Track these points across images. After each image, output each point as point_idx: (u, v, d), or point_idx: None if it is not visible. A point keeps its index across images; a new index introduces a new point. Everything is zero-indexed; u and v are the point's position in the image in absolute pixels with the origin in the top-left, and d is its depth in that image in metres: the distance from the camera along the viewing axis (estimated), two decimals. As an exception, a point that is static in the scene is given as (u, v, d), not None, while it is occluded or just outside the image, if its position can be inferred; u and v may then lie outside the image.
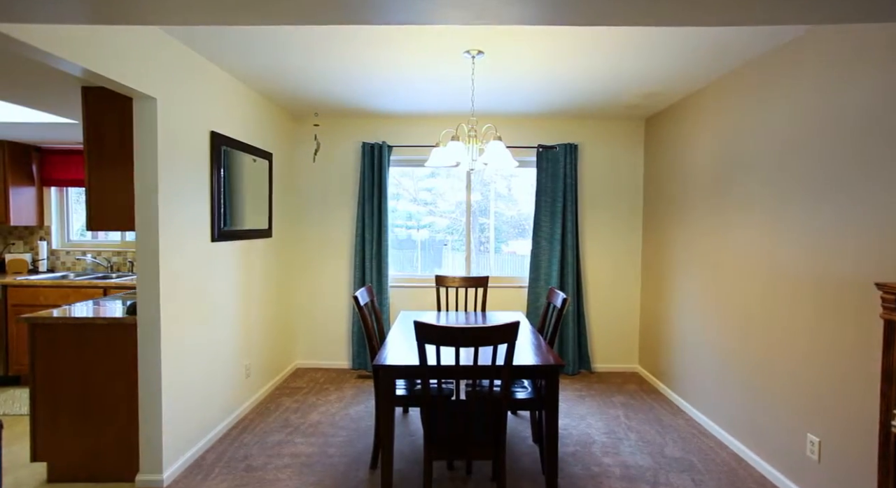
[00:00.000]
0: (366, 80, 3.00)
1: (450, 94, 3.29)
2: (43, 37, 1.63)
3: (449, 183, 4.34)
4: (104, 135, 2.29)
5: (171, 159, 2.33)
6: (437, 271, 4.36)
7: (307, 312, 4.17)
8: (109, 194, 2.29)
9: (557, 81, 2.99)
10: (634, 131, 4.08)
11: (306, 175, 4.12)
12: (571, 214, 3.94)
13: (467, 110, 3.76)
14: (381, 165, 3.95)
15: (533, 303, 4.01)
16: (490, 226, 4.37)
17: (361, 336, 4.05)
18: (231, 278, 2.96)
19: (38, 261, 4.25)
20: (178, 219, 2.40)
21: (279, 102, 3.57)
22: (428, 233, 4.40)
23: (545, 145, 3.97)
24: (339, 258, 4.14)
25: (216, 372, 2.78)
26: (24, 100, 2.83)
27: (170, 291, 2.33)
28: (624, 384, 3.78)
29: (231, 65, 2.71)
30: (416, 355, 2.14)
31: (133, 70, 2.04)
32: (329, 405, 3.30)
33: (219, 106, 2.77)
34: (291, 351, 4.08)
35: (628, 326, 4.13)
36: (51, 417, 2.35)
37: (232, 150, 2.91)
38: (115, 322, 2.29)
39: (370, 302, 2.76)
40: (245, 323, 3.17)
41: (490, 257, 4.39)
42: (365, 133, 4.09)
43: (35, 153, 4.21)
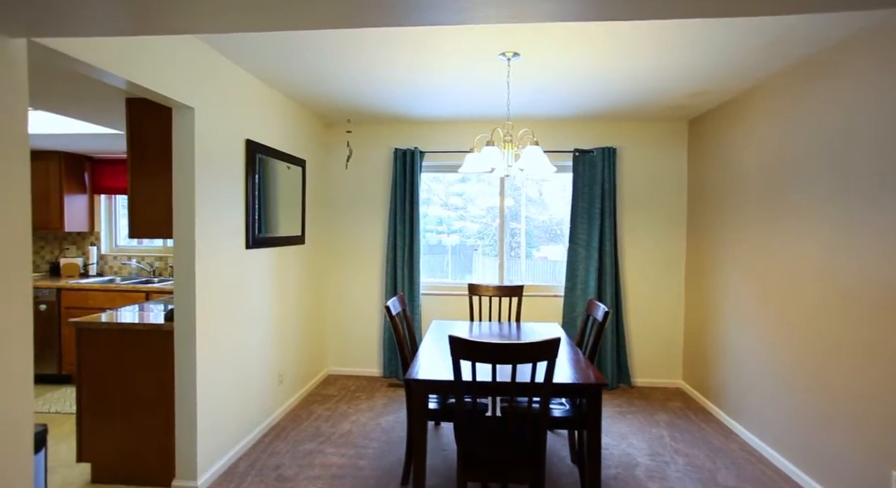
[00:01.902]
0: (398, 86, 2.97)
1: (483, 97, 3.21)
2: (89, 51, 1.67)
3: (480, 187, 4.27)
4: (146, 145, 2.34)
5: (208, 167, 2.36)
6: (467, 277, 4.28)
7: (338, 319, 4.17)
8: (150, 202, 2.35)
9: (595, 83, 2.86)
10: (677, 134, 3.88)
11: (339, 181, 4.14)
12: (610, 220, 3.77)
13: (502, 114, 3.68)
14: (413, 171, 3.91)
15: (569, 313, 3.86)
16: (521, 231, 4.25)
17: (393, 343, 4.01)
18: (265, 285, 2.98)
19: (88, 266, 4.45)
20: (214, 226, 2.42)
21: (312, 109, 3.60)
22: (458, 238, 4.33)
23: (582, 149, 3.83)
24: (371, 265, 4.13)
25: (250, 378, 2.80)
26: (76, 113, 2.96)
27: (205, 299, 2.35)
28: (667, 401, 3.56)
29: (266, 73, 2.74)
30: (449, 368, 2.06)
31: (172, 80, 2.07)
32: (360, 414, 3.27)
33: (254, 114, 2.80)
34: (323, 357, 4.09)
35: (671, 339, 3.90)
36: (94, 419, 2.41)
37: (266, 158, 2.94)
38: (154, 328, 2.33)
39: (402, 311, 2.71)
40: (278, 330, 3.19)
41: (521, 262, 4.27)
42: (397, 139, 4.07)
43: (87, 163, 4.43)
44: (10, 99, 1.38)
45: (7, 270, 1.38)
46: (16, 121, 1.40)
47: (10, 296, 1.39)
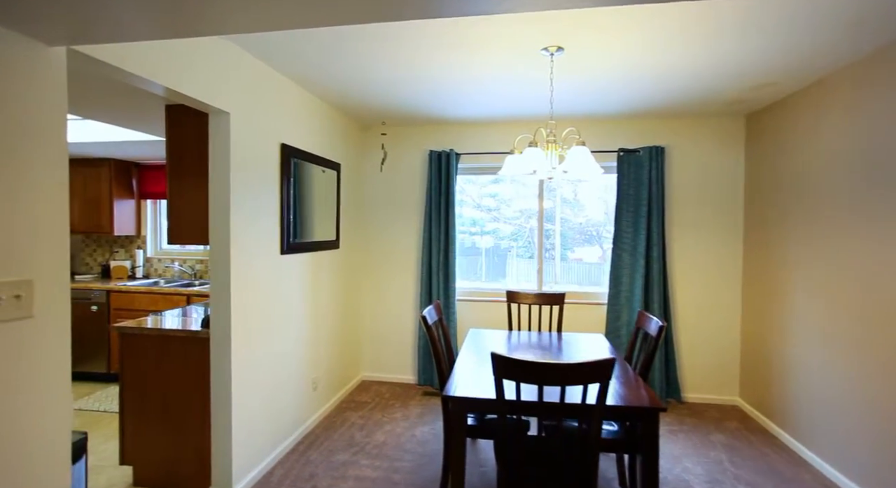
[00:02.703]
0: (434, 86, 2.88)
1: (523, 96, 3.06)
2: (128, 59, 1.66)
3: (514, 189, 4.13)
4: (183, 151, 2.35)
5: (243, 172, 2.33)
6: (501, 281, 4.15)
7: (373, 324, 4.12)
8: (187, 208, 2.35)
9: (643, 77, 2.66)
10: (732, 130, 3.59)
11: (373, 185, 4.09)
12: (657, 225, 3.53)
13: (542, 113, 3.51)
14: (449, 174, 3.81)
15: (612, 322, 3.64)
16: (556, 233, 4.08)
17: (428, 350, 3.91)
18: (299, 291, 2.96)
19: (135, 268, 4.61)
20: (249, 232, 2.40)
21: (347, 112, 3.56)
22: (492, 240, 4.21)
23: (627, 149, 3.61)
24: (405, 269, 4.05)
25: (285, 385, 2.77)
26: (122, 121, 3.03)
27: (240, 306, 2.33)
28: (723, 420, 3.28)
29: (301, 76, 2.70)
30: (489, 384, 1.94)
31: (208, 85, 2.05)
32: (394, 424, 3.19)
33: (289, 117, 2.78)
34: (357, 363, 4.05)
35: (725, 352, 3.61)
36: (136, 423, 2.44)
37: (301, 162, 2.92)
38: (190, 335, 2.33)
39: (438, 320, 2.60)
40: (313, 335, 3.16)
41: (556, 264, 4.10)
42: (432, 141, 3.98)
43: (134, 169, 4.59)
44: (50, 107, 1.38)
45: (46, 277, 1.36)
46: (55, 128, 1.39)
47: (50, 309, 1.38)
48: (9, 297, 1.28)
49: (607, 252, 4.05)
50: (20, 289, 1.30)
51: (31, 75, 1.32)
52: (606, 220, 4.02)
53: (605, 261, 4.07)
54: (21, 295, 1.31)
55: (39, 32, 1.30)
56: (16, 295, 1.30)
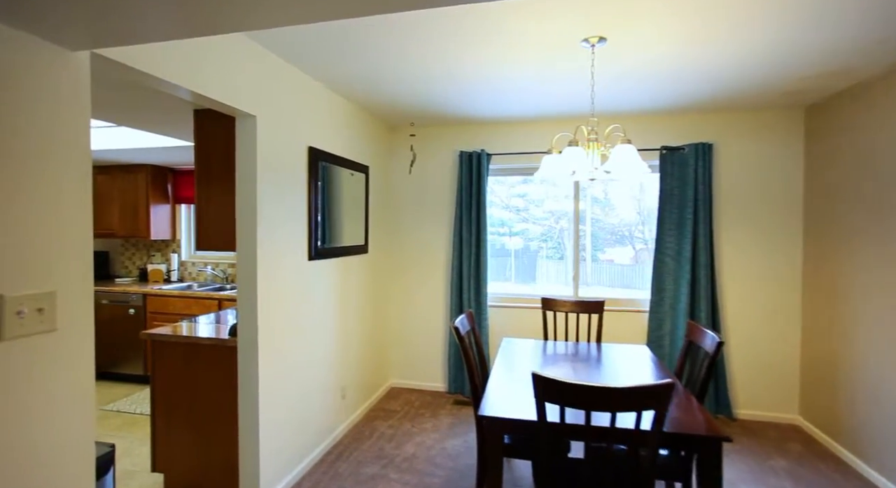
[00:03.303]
0: (465, 84, 2.75)
1: (560, 93, 2.90)
2: (153, 63, 1.62)
3: (544, 189, 3.98)
4: (211, 156, 2.31)
5: (270, 177, 2.28)
6: (531, 284, 4.00)
7: (402, 330, 4.03)
8: (215, 214, 2.31)
9: (692, 69, 2.45)
10: (789, 124, 3.30)
11: (402, 187, 4.01)
12: (705, 227, 3.28)
13: (578, 110, 3.33)
14: (480, 175, 3.68)
15: (654, 331, 3.41)
16: (587, 234, 3.89)
17: (458, 357, 3.79)
18: (327, 297, 2.89)
19: (171, 272, 4.70)
20: (276, 238, 2.34)
21: (375, 113, 3.49)
22: (520, 241, 4.08)
23: (670, 146, 3.38)
24: (435, 273, 3.94)
25: (313, 394, 2.71)
26: (154, 127, 3.05)
27: (267, 314, 2.27)
28: (783, 441, 3.00)
29: (328, 77, 2.63)
30: (527, 400, 1.80)
31: (233, 88, 2.00)
32: (425, 435, 3.08)
33: (316, 120, 2.71)
34: (386, 370, 3.97)
35: (783, 366, 3.31)
36: (167, 430, 2.43)
37: (329, 165, 2.85)
38: (218, 343, 2.29)
39: (471, 330, 2.47)
40: (341, 342, 3.09)
41: (587, 266, 3.92)
42: (462, 141, 3.86)
43: (170, 174, 4.68)
44: (73, 113, 1.33)
45: (69, 288, 1.32)
46: (79, 134, 1.35)
47: (74, 321, 1.34)
48: (31, 311, 1.24)
49: (640, 253, 3.87)
50: (43, 302, 1.26)
51: (55, 81, 1.28)
52: (639, 220, 3.83)
53: (637, 263, 3.90)
54: (44, 308, 1.26)
55: (62, 37, 1.25)
56: (38, 308, 1.25)
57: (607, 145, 2.07)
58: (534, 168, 3.78)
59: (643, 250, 3.88)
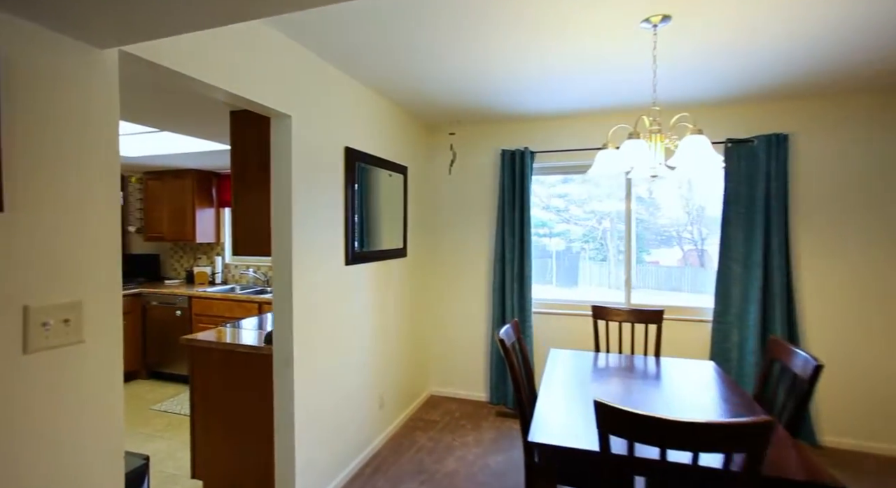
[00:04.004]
0: (508, 78, 2.57)
1: (613, 82, 2.66)
2: (184, 62, 1.56)
3: (586, 189, 3.77)
4: (247, 159, 2.26)
5: (306, 179, 2.19)
6: (574, 287, 3.79)
7: (441, 336, 3.89)
8: (251, 219, 2.25)
9: (768, 48, 2.15)
10: (880, 111, 2.88)
11: (441, 189, 3.87)
12: (779, 229, 2.93)
13: (632, 102, 3.07)
14: (524, 174, 3.48)
15: (719, 344, 3.09)
16: (632, 235, 3.62)
17: (501, 365, 3.60)
18: (365, 303, 2.79)
19: (215, 274, 4.79)
20: (312, 242, 2.25)
21: (413, 112, 3.36)
22: (561, 243, 3.90)
23: (736, 139, 3.05)
24: (476, 278, 3.77)
25: (350, 403, 2.61)
26: (194, 131, 3.06)
27: (303, 321, 2.19)
28: (885, 475, 2.60)
29: (364, 74, 2.53)
30: (582, 423, 1.60)
31: (267, 87, 1.92)
32: (466, 449, 2.91)
33: (353, 120, 2.62)
34: (426, 377, 3.84)
35: (879, 390, 2.88)
36: (205, 437, 2.40)
37: (367, 166, 2.75)
38: (254, 351, 2.23)
39: (517, 341, 2.29)
40: (379, 350, 2.98)
41: (631, 268, 3.64)
42: (505, 139, 3.67)
43: (214, 178, 4.77)
44: (102, 114, 1.27)
45: (97, 297, 1.26)
46: (107, 136, 1.28)
47: (101, 332, 1.27)
48: (57, 322, 1.18)
49: (689, 254, 3.55)
50: (69, 312, 1.20)
51: (83, 81, 1.22)
52: (688, 220, 3.59)
53: (686, 265, 3.63)
54: (70, 318, 1.20)
55: (89, 34, 1.19)
56: (64, 319, 1.19)
57: (672, 137, 1.83)
58: (579, 166, 3.54)
59: (692, 251, 3.61)
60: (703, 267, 3.58)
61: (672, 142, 1.85)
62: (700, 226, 3.55)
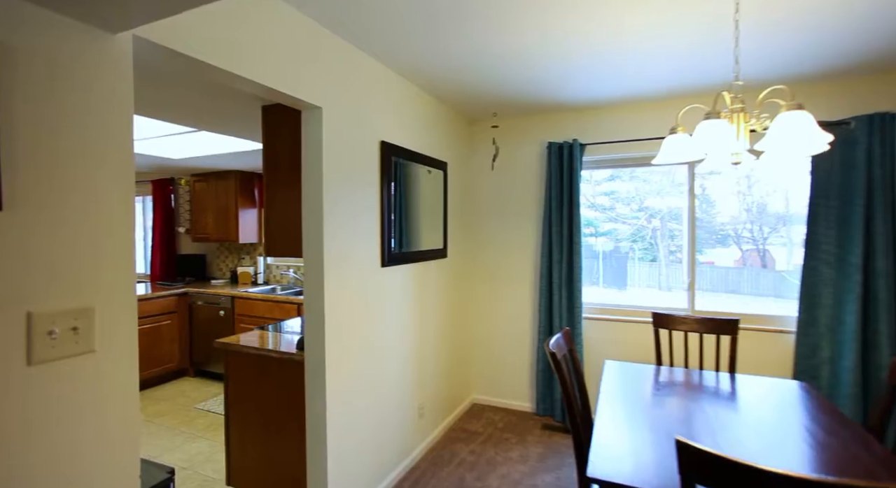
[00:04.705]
0: (555, 64, 2.32)
1: (679, 60, 2.35)
2: (204, 49, 1.45)
3: (633, 186, 3.51)
4: (280, 156, 2.16)
5: (338, 174, 2.05)
6: (623, 289, 3.49)
7: (484, 341, 3.68)
8: (283, 218, 2.15)
9: (869, 8, 1.78)
10: None
11: (483, 185, 3.66)
12: (885, 226, 2.49)
13: (702, 83, 2.72)
14: (573, 168, 3.20)
15: (805, 359, 2.68)
16: (684, 234, 3.29)
17: (547, 374, 3.35)
18: (403, 306, 2.63)
19: (257, 274, 4.82)
20: (346, 243, 2.12)
21: (453, 104, 3.17)
22: (608, 242, 3.62)
23: (829, 121, 2.63)
24: (521, 280, 3.53)
25: (387, 412, 2.46)
26: (233, 130, 3.02)
27: (336, 326, 2.05)
28: None
29: (400, 63, 2.36)
30: (650, 454, 1.34)
31: (296, 77, 1.79)
32: (510, 465, 2.69)
33: (388, 111, 2.46)
34: (468, 384, 3.64)
35: None
36: (239, 444, 2.32)
37: (404, 161, 2.59)
38: (286, 357, 2.12)
39: (569, 352, 2.04)
40: (419, 356, 2.81)
41: (683, 269, 3.34)
42: (551, 131, 3.41)
43: (256, 179, 4.80)
44: (115, 105, 1.16)
45: (110, 302, 1.16)
46: (121, 129, 1.17)
47: (115, 340, 1.17)
48: (64, 330, 1.08)
49: (748, 254, 3.25)
50: (78, 319, 1.10)
51: (92, 69, 1.12)
52: (747, 218, 3.27)
53: (745, 265, 3.32)
54: (79, 326, 1.11)
55: (98, 15, 1.08)
56: (73, 327, 1.10)
57: (762, 116, 1.53)
58: (634, 158, 3.23)
59: (752, 251, 3.29)
60: (766, 268, 3.24)
61: (760, 123, 1.54)
62: (761, 224, 3.24)
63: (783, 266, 3.24)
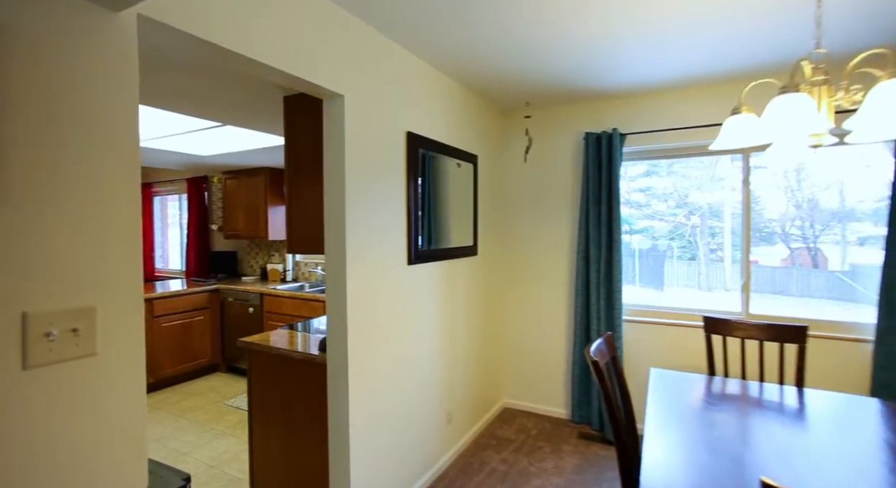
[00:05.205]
0: (593, 48, 2.12)
1: (744, 32, 2.10)
2: (217, 30, 1.35)
3: (672, 181, 3.28)
4: (302, 150, 2.06)
5: (361, 167, 1.94)
6: (661, 290, 3.27)
7: (516, 342, 3.50)
8: (305, 214, 2.05)
9: None
10: None
11: (516, 179, 3.48)
12: (980, 218, 2.16)
13: (768, 60, 2.44)
14: (612, 160, 2.98)
15: (887, 372, 2.37)
16: (726, 231, 3.10)
17: (584, 379, 3.14)
18: (430, 306, 2.50)
19: (286, 272, 4.82)
20: (369, 239, 2.00)
21: (483, 93, 3.01)
22: (645, 240, 3.41)
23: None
24: (556, 279, 3.34)
25: (414, 418, 2.34)
26: (258, 123, 2.97)
27: (360, 327, 1.94)
28: None
29: (427, 50, 2.22)
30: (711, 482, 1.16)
31: (317, 63, 1.68)
32: (545, 477, 2.52)
33: (415, 101, 2.33)
34: (499, 386, 3.48)
35: None
36: (263, 446, 2.26)
37: (431, 154, 2.45)
38: (308, 358, 2.03)
39: (611, 360, 1.86)
40: (447, 358, 2.68)
41: (724, 268, 3.14)
42: (588, 121, 3.19)
43: (286, 176, 4.79)
44: (119, 90, 1.07)
45: (113, 302, 1.08)
46: (125, 116, 1.08)
47: (118, 342, 1.09)
48: (63, 332, 1.00)
49: (798, 253, 3.02)
50: (78, 320, 1.02)
51: (92, 51, 1.03)
52: (796, 214, 3.01)
53: (794, 265, 3.07)
54: (79, 327, 1.03)
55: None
56: (72, 328, 1.02)
57: (852, 88, 1.30)
58: (678, 148, 2.97)
59: (801, 250, 3.05)
60: (817, 268, 3.01)
61: (849, 97, 1.31)
62: (812, 221, 3.01)
63: (836, 266, 2.95)
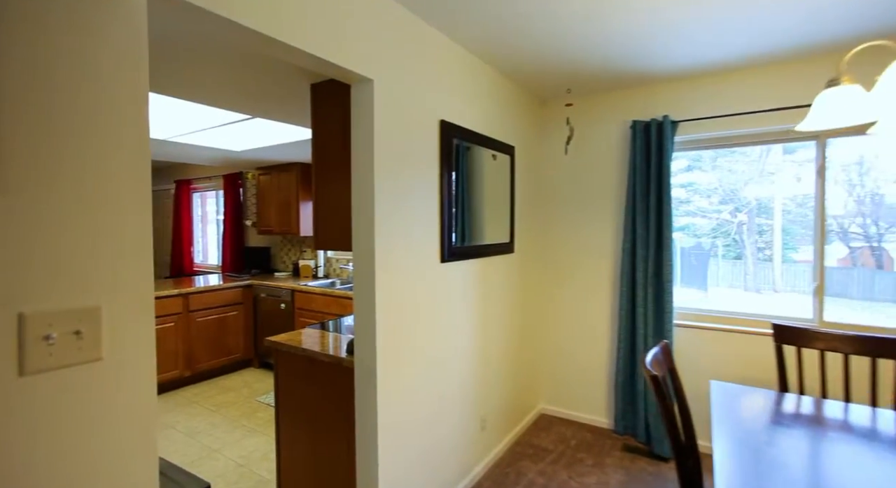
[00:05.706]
0: (640, 30, 1.89)
1: (804, 9, 1.83)
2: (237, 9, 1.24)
3: (716, 176, 3.02)
4: (329, 140, 1.95)
5: (392, 157, 1.80)
6: (704, 291, 3.03)
7: (555, 345, 3.30)
8: (331, 208, 1.94)
9: None
10: None
11: (556, 172, 3.26)
12: None
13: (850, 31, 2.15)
14: (662, 150, 2.73)
15: None
16: (775, 229, 2.87)
17: (629, 387, 2.91)
18: (464, 306, 2.35)
19: (317, 268, 4.78)
20: (399, 234, 1.86)
21: (522, 81, 2.81)
22: (687, 238, 3.16)
23: None
24: (598, 278, 3.11)
25: (446, 425, 2.20)
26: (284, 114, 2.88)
27: (389, 327, 1.81)
28: None
29: (462, 32, 2.06)
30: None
31: (345, 44, 1.56)
32: (586, 494, 2.33)
33: (449, 87, 2.17)
34: (536, 391, 3.29)
35: None
36: (289, 448, 2.18)
37: (466, 144, 2.29)
38: (335, 361, 1.92)
39: (669, 371, 1.65)
40: (482, 361, 2.52)
41: (773, 268, 2.90)
42: (635, 108, 2.94)
43: (318, 171, 4.75)
44: (127, 74, 0.98)
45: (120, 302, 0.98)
46: (134, 104, 0.99)
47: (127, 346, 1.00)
48: (64, 334, 0.91)
49: (859, 253, 2.75)
50: (81, 322, 0.93)
51: (96, 30, 0.93)
52: (857, 211, 2.73)
53: (854, 266, 2.80)
54: (82, 329, 0.93)
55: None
56: (75, 330, 0.92)
57: None
58: (743, 136, 2.68)
59: (863, 249, 2.79)
60: (881, 269, 2.75)
61: None
62: (876, 219, 2.77)
63: (904, 267, 2.63)
